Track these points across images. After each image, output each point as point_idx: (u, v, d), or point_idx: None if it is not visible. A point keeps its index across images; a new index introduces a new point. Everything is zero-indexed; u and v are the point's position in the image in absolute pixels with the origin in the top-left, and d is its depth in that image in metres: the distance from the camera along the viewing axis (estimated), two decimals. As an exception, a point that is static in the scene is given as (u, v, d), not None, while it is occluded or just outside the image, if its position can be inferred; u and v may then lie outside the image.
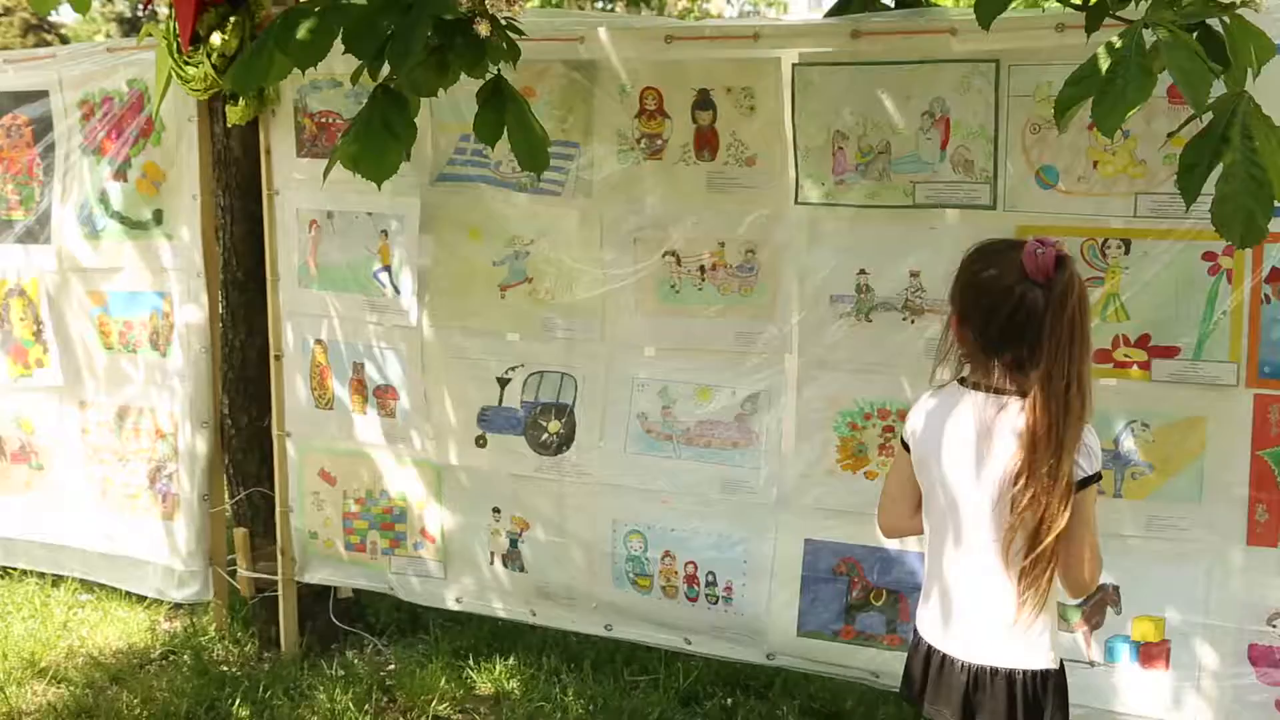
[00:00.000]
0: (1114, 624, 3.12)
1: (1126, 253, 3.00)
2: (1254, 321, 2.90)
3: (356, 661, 4.15)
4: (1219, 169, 2.14)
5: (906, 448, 2.43)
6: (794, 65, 3.21)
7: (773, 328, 3.40)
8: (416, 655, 4.16)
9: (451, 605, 4.00)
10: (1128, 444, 3.06)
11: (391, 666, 4.12)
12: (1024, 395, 2.25)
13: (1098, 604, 3.12)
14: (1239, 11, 2.17)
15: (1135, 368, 3.03)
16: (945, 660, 2.38)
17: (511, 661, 4.08)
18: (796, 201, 3.30)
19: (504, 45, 2.35)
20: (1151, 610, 3.09)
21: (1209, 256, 2.92)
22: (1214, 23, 2.21)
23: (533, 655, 4.12)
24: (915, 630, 2.47)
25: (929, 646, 2.42)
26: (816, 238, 3.31)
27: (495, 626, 4.26)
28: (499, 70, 2.46)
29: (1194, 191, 2.19)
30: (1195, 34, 2.15)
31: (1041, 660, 2.33)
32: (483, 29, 2.23)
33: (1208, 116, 2.18)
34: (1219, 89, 2.17)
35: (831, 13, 3.45)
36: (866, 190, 3.21)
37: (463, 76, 2.41)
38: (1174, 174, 2.22)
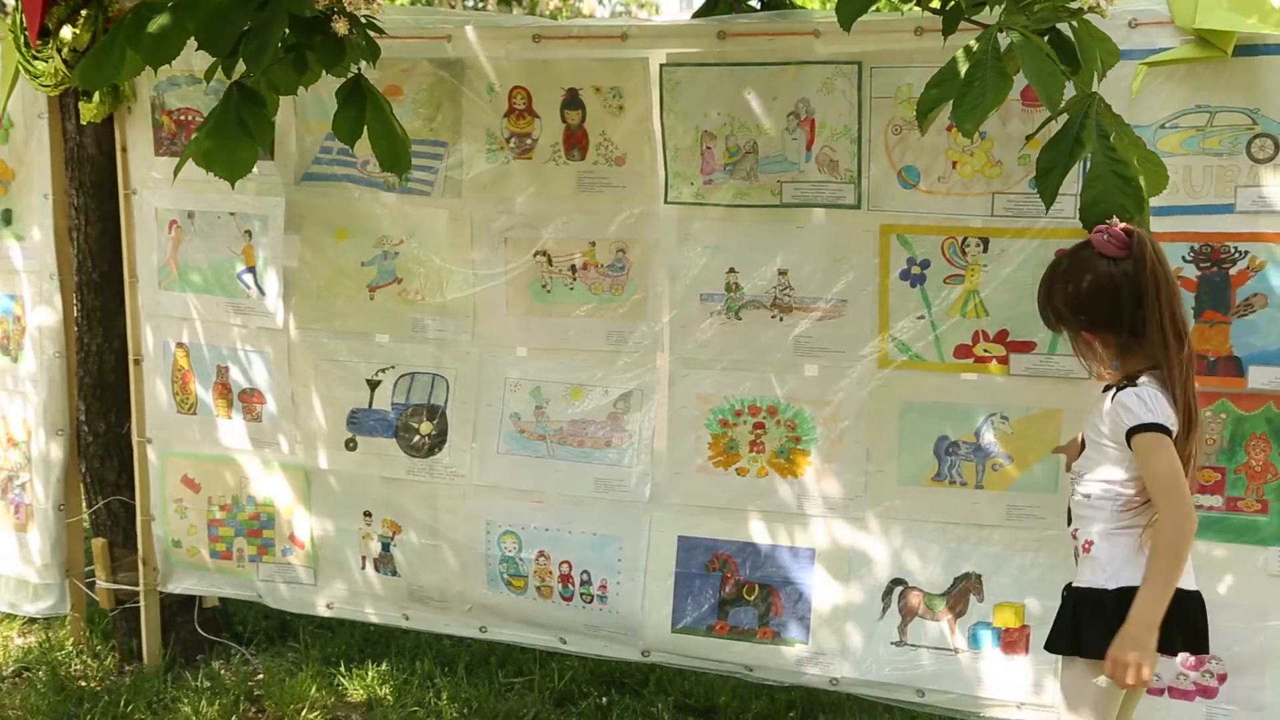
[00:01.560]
0: (977, 611, 3.21)
1: (985, 250, 3.08)
2: (1104, 316, 3.01)
3: (223, 672, 4.05)
4: (1085, 170, 2.21)
5: (1170, 434, 2.46)
6: (661, 65, 3.23)
7: (644, 326, 3.42)
8: (285, 664, 4.08)
9: (322, 612, 3.93)
10: (988, 436, 3.16)
11: (260, 676, 4.03)
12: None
13: (961, 592, 3.21)
14: (1086, 17, 2.25)
15: (994, 362, 3.12)
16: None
17: (384, 667, 4.03)
18: (666, 201, 3.33)
19: (364, 43, 2.31)
20: (1012, 597, 3.18)
21: (1062, 253, 3.02)
22: (1064, 27, 2.29)
23: (406, 660, 4.08)
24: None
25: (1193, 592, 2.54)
26: (686, 237, 3.33)
27: (367, 632, 4.20)
28: (359, 69, 2.42)
29: (1053, 193, 2.27)
30: (1046, 38, 2.22)
31: None
32: (340, 27, 2.19)
33: (1062, 118, 2.25)
34: (1069, 91, 2.26)
35: (698, 14, 3.48)
36: (735, 190, 3.25)
37: (329, 75, 2.37)
38: (1029, 174, 2.31)
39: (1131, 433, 2.44)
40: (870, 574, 3.29)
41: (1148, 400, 2.43)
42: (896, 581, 3.27)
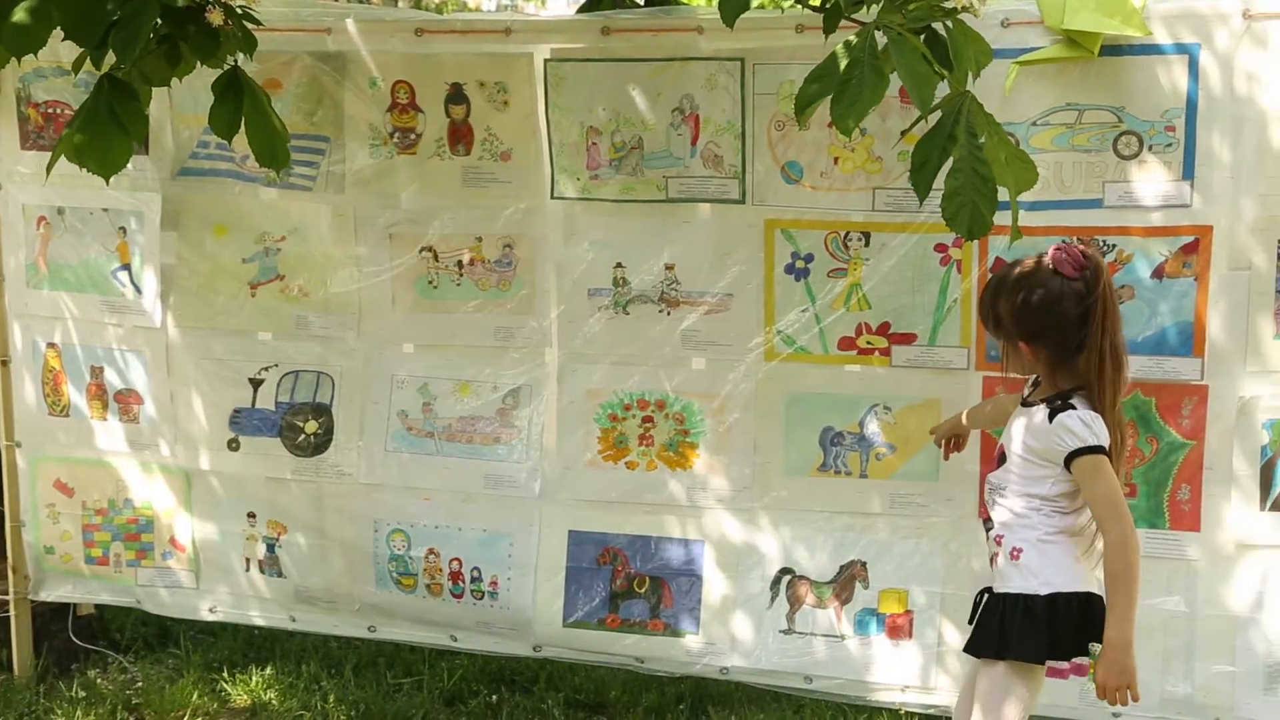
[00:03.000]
0: (863, 598, 3.27)
1: (867, 245, 3.15)
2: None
3: (99, 681, 3.93)
4: (949, 164, 2.27)
5: (1109, 455, 2.53)
6: (546, 61, 3.22)
7: (532, 322, 3.41)
8: (166, 670, 3.98)
9: (205, 616, 3.85)
10: (872, 427, 3.22)
11: (138, 684, 3.92)
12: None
13: (847, 580, 3.28)
14: (960, 16, 2.30)
15: (877, 354, 3.19)
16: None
17: (269, 671, 3.96)
18: (552, 196, 3.32)
19: (240, 35, 2.26)
20: (896, 583, 3.26)
21: (940, 248, 3.10)
22: (939, 26, 2.34)
23: (291, 663, 4.01)
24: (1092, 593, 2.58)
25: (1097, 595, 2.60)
26: (573, 232, 3.33)
27: (251, 636, 4.12)
28: (236, 61, 2.37)
29: (926, 186, 2.31)
30: (922, 37, 2.27)
31: None
32: (215, 18, 2.13)
33: (936, 115, 2.31)
34: (945, 89, 2.31)
35: (582, 9, 3.48)
36: (621, 185, 3.26)
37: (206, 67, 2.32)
38: (908, 170, 2.35)
39: (1073, 455, 2.50)
40: (758, 564, 3.34)
41: (1090, 423, 2.50)
42: (784, 571, 3.32)
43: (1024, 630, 2.55)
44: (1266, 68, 2.84)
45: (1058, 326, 2.55)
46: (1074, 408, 2.53)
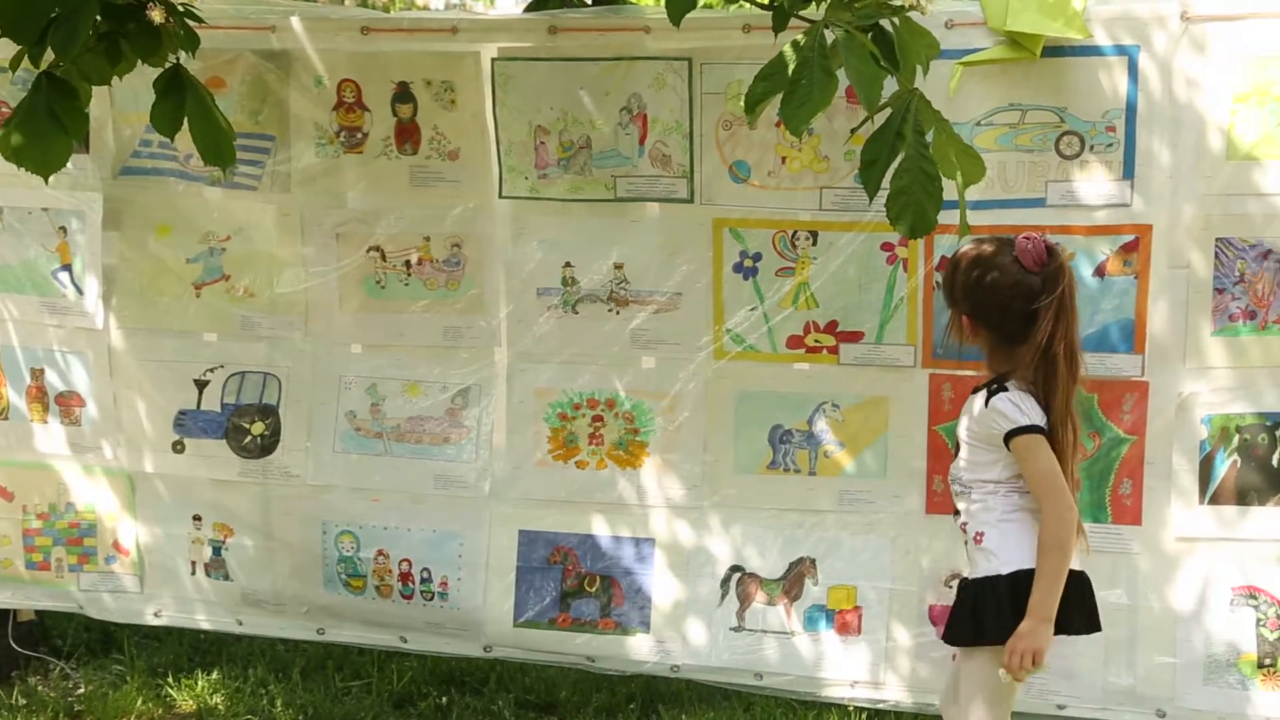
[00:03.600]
0: (812, 595, 3.29)
1: (814, 244, 3.17)
2: (927, 307, 3.13)
3: (40, 688, 3.89)
4: (897, 162, 2.29)
5: (1045, 434, 2.56)
6: (493, 60, 3.22)
7: (481, 322, 3.40)
8: (109, 677, 3.94)
9: (150, 621, 3.78)
10: (820, 424, 3.25)
11: (81, 691, 3.88)
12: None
13: (796, 577, 3.29)
14: (908, 14, 2.33)
15: (825, 352, 3.21)
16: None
17: (215, 675, 3.92)
18: (501, 195, 3.32)
19: (182, 32, 2.23)
20: (845, 579, 3.28)
21: (887, 247, 3.12)
22: (886, 24, 2.36)
23: (238, 667, 3.98)
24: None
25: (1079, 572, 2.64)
26: (521, 231, 3.33)
27: (197, 640, 4.08)
28: (178, 59, 2.34)
29: (875, 184, 2.33)
30: (870, 35, 2.29)
31: None
32: (156, 15, 2.10)
33: (885, 113, 2.33)
34: (893, 86, 2.34)
35: (529, 8, 3.47)
36: (569, 184, 3.26)
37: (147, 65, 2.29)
38: (855, 170, 2.37)
39: (1009, 437, 2.56)
40: (709, 562, 3.35)
41: (1020, 404, 2.56)
42: (734, 568, 3.33)
43: (992, 613, 2.58)
44: (1204, 69, 2.89)
45: (998, 312, 2.60)
46: (1006, 390, 2.58)
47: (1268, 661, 3.04)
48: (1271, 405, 3.01)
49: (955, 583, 3.12)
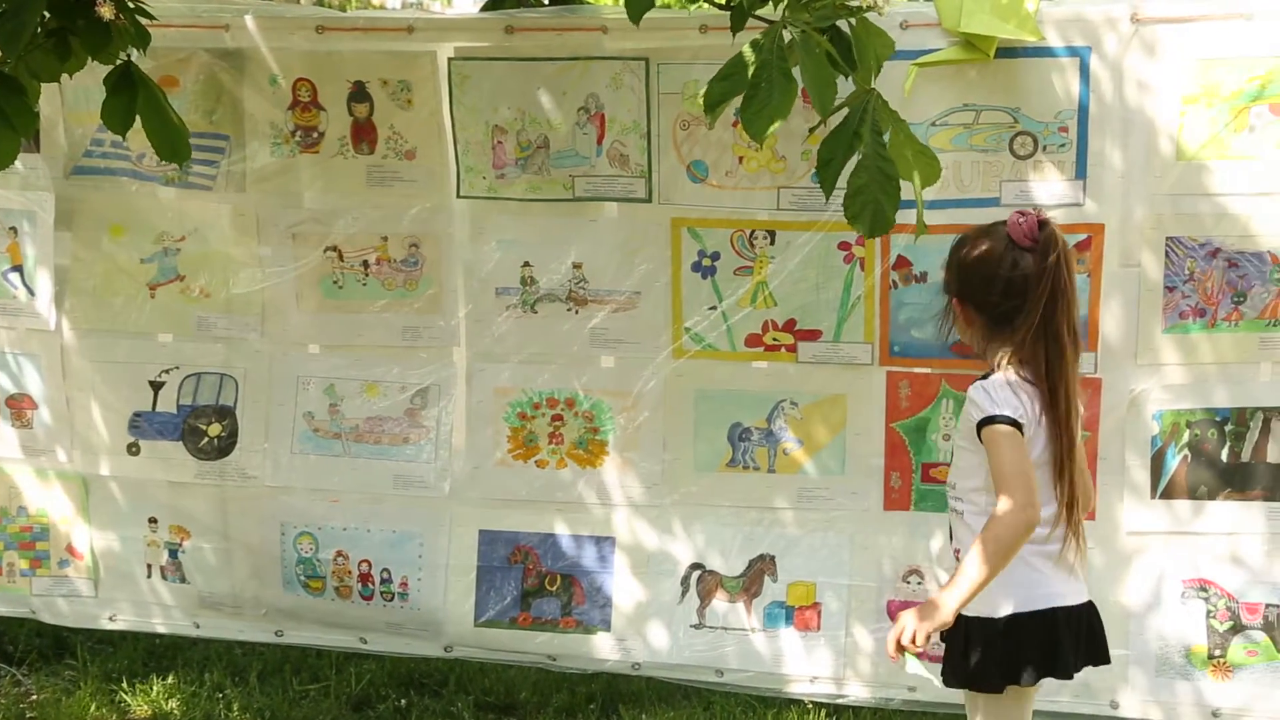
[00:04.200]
0: (771, 591, 3.31)
1: (772, 243, 3.18)
2: (884, 305, 3.15)
3: (-9, 695, 3.84)
4: (855, 162, 2.30)
5: (1019, 428, 2.42)
6: (450, 59, 3.21)
7: (440, 321, 3.39)
8: (62, 682, 3.90)
9: (105, 625, 3.74)
10: (779, 422, 3.26)
11: (33, 697, 3.84)
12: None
13: (756, 573, 3.31)
14: (865, 15, 2.34)
15: (784, 350, 3.22)
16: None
17: (170, 680, 3.89)
18: (459, 195, 3.31)
19: (133, 30, 2.20)
20: (804, 576, 3.30)
21: (844, 246, 3.14)
22: (843, 24, 2.37)
23: (194, 671, 3.95)
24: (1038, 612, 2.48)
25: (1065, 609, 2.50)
26: (480, 231, 3.32)
27: (152, 644, 4.04)
28: (130, 56, 2.31)
29: (831, 183, 2.35)
30: (826, 35, 2.30)
31: None
32: (106, 11, 2.08)
33: (842, 113, 2.34)
34: (850, 87, 2.35)
35: (486, 8, 3.47)
36: (527, 184, 3.26)
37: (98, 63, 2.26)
38: (812, 169, 2.38)
39: (979, 426, 2.44)
40: (669, 560, 3.36)
41: (992, 392, 2.43)
42: (695, 566, 3.34)
43: (986, 658, 2.46)
44: (1154, 71, 2.93)
45: (984, 287, 2.49)
46: (987, 377, 2.49)
47: (1217, 653, 3.09)
48: (1221, 401, 3.06)
49: (914, 579, 3.16)
